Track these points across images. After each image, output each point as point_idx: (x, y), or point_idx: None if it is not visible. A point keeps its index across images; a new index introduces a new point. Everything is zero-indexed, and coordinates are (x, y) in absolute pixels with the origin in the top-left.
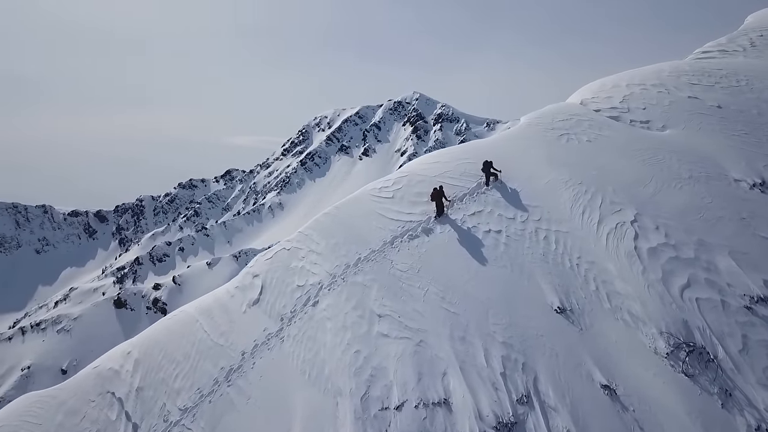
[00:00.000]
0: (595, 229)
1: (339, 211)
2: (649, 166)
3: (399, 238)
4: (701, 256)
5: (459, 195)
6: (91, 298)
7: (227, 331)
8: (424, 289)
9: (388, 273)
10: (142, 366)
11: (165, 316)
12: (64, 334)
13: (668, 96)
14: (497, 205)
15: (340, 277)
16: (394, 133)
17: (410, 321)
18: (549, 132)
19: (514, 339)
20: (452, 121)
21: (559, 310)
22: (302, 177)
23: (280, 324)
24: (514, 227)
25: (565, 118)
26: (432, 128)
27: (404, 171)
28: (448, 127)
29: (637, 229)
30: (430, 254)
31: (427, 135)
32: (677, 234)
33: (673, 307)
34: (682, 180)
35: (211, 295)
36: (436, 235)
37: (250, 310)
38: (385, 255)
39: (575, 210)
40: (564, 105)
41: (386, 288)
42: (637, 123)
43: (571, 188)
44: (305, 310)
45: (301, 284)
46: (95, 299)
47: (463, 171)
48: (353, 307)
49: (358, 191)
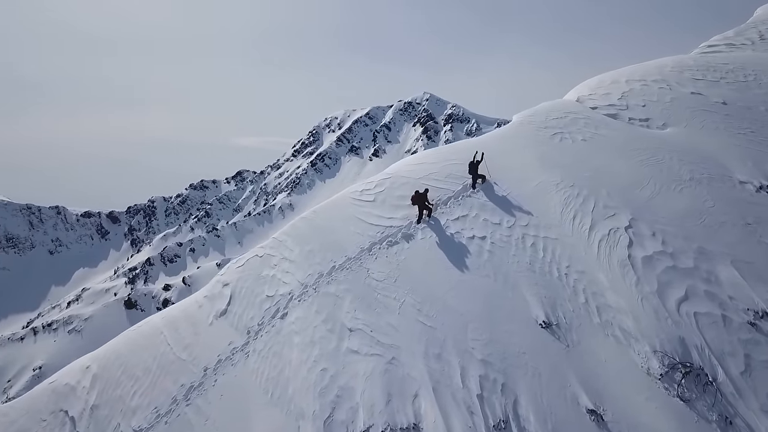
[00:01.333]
0: (587, 236)
1: (316, 215)
2: (647, 167)
3: (377, 245)
4: (701, 265)
5: (443, 198)
6: (103, 299)
7: (191, 345)
8: (400, 301)
9: (363, 283)
10: (100, 381)
11: (131, 327)
12: (75, 335)
13: (670, 92)
14: (483, 209)
15: (312, 287)
16: (405, 133)
17: (383, 336)
18: (542, 131)
19: (493, 356)
20: (463, 121)
21: (545, 324)
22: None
23: (247, 337)
24: (500, 233)
25: (559, 116)
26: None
27: (388, 172)
28: (459, 127)
29: (632, 236)
30: (409, 262)
31: (438, 135)
32: (675, 241)
33: (668, 323)
34: (682, 182)
35: (181, 304)
36: (416, 241)
37: (217, 321)
38: (362, 263)
39: (566, 215)
40: (559, 102)
41: (360, 299)
42: (636, 121)
43: (563, 191)
44: (273, 322)
45: (271, 294)
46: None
47: (449, 172)
48: (323, 320)
49: (339, 194)
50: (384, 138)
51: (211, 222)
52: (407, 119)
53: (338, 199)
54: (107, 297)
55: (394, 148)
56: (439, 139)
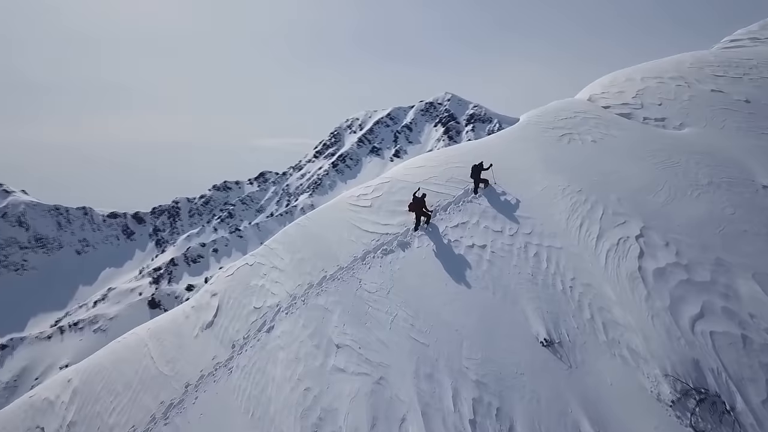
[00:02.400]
0: (594, 246)
1: (310, 221)
2: (662, 171)
3: (371, 254)
4: (719, 279)
5: (443, 203)
6: (128, 298)
7: (174, 359)
8: (392, 315)
9: (354, 294)
10: (80, 396)
11: (116, 339)
12: (100, 334)
13: (688, 90)
14: (484, 216)
15: (301, 298)
16: (426, 134)
17: (372, 353)
18: (549, 132)
19: (489, 377)
20: (485, 121)
21: (546, 342)
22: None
23: (231, 352)
24: (501, 241)
25: (568, 116)
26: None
27: (386, 176)
28: (481, 127)
29: (643, 246)
30: (404, 273)
31: (459, 136)
32: (691, 252)
33: (681, 343)
34: (699, 187)
35: (169, 314)
36: (412, 250)
37: (203, 334)
38: (354, 273)
39: (572, 222)
40: (569, 101)
41: (349, 312)
42: (651, 121)
43: (569, 196)
44: (259, 336)
45: (259, 306)
46: (132, 299)
47: (450, 176)
48: (310, 334)
49: (335, 199)
50: (405, 138)
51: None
52: (428, 120)
53: (334, 204)
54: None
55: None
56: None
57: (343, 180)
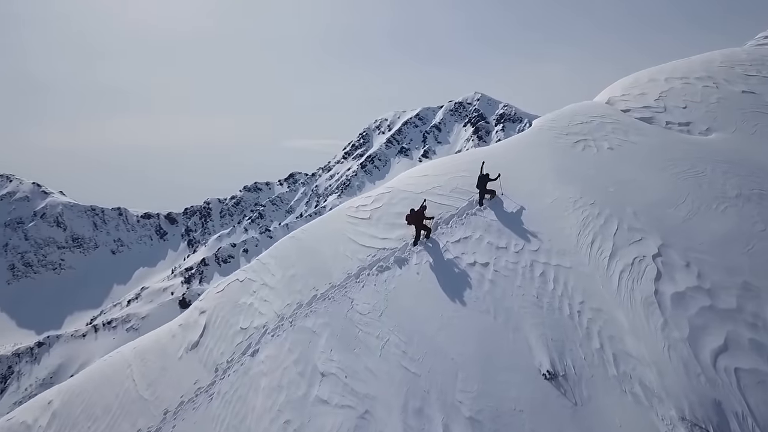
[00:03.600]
0: (606, 265)
1: (306, 234)
2: (684, 181)
3: (366, 270)
4: (746, 306)
5: (445, 216)
6: (161, 298)
7: (156, 382)
8: (383, 340)
9: (345, 316)
10: (58, 420)
11: (102, 357)
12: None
13: (716, 91)
14: (488, 231)
15: (289, 319)
16: (455, 134)
17: (358, 383)
18: (563, 138)
19: (484, 414)
20: (515, 121)
21: (549, 375)
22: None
23: (214, 376)
24: (506, 259)
25: (584, 120)
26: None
27: (389, 186)
28: (511, 127)
29: (660, 267)
30: (399, 292)
31: (489, 136)
32: (714, 274)
33: (701, 381)
34: (726, 199)
35: (155, 333)
36: (410, 267)
37: (187, 355)
38: (346, 292)
39: (583, 238)
40: (586, 105)
41: (338, 336)
42: (675, 125)
43: (581, 209)
44: (242, 360)
45: (245, 327)
46: (164, 299)
47: (455, 186)
48: (295, 360)
49: (335, 209)
50: (434, 139)
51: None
52: (458, 120)
53: (333, 216)
54: (164, 296)
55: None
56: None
57: (371, 181)
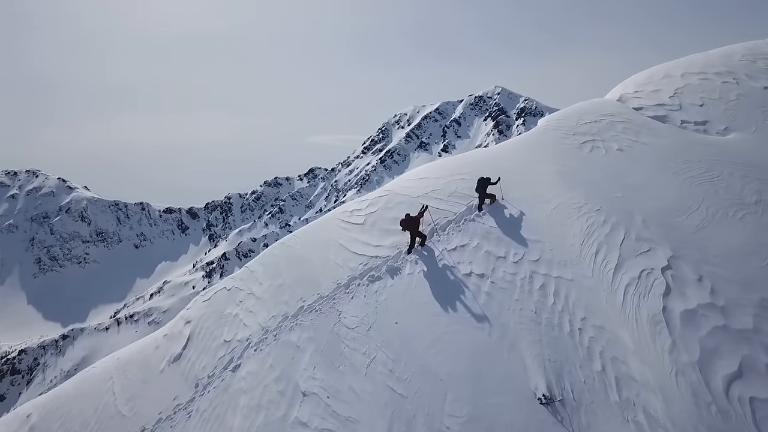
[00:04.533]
0: (611, 278)
1: (297, 240)
2: (699, 186)
3: (357, 280)
4: (764, 326)
5: (442, 222)
6: (182, 292)
7: (135, 396)
8: (370, 357)
9: (331, 330)
10: None
11: (86, 368)
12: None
13: (736, 87)
14: (487, 238)
15: (273, 332)
16: (475, 128)
17: (340, 404)
18: (569, 138)
19: None
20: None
21: (545, 399)
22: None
23: (194, 392)
24: (504, 270)
25: (593, 119)
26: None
27: (385, 189)
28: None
29: (670, 281)
30: (390, 305)
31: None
32: (729, 290)
33: (711, 411)
34: (745, 206)
35: (140, 343)
36: (402, 277)
37: (169, 368)
38: (335, 303)
39: (586, 248)
40: (596, 102)
41: (323, 352)
42: (690, 124)
43: (585, 216)
44: (223, 376)
45: (229, 339)
46: (185, 293)
47: (453, 190)
48: (276, 378)
49: (329, 213)
50: (454, 133)
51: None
52: (478, 114)
53: (326, 221)
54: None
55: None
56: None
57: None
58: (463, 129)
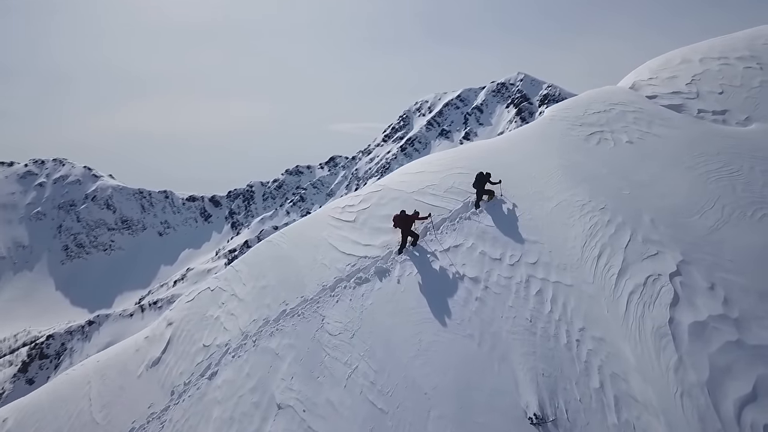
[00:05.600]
0: (613, 284)
1: (284, 238)
2: (716, 182)
3: (344, 282)
4: None
5: (436, 220)
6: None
7: (111, 403)
8: (351, 367)
9: (313, 337)
10: None
11: (67, 370)
12: None
13: (760, 73)
14: (482, 238)
15: (252, 338)
16: (497, 115)
17: (316, 419)
18: (576, 129)
19: None
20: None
21: (537, 419)
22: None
23: (169, 400)
24: (498, 273)
25: (602, 108)
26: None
27: (380, 184)
28: None
29: (679, 288)
30: (375, 310)
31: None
32: (745, 299)
33: None
34: (766, 205)
35: (120, 345)
36: (391, 280)
37: (147, 373)
38: (319, 307)
39: (588, 251)
40: (606, 90)
41: (302, 361)
42: (708, 114)
43: (589, 215)
44: (199, 384)
45: (208, 344)
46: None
47: (450, 185)
48: (252, 388)
49: (321, 208)
50: (476, 120)
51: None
52: (500, 101)
53: (316, 217)
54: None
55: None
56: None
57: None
58: (485, 116)
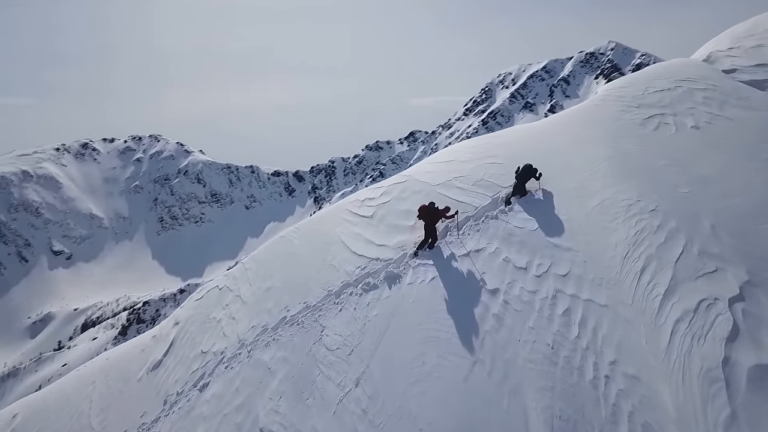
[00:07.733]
0: (657, 308)
1: (297, 234)
2: None
3: (351, 287)
4: None
5: (460, 219)
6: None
7: (109, 407)
8: (344, 390)
9: (309, 351)
10: None
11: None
12: None
13: None
14: (508, 242)
15: (248, 347)
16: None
17: None
18: (631, 111)
19: None
20: None
21: None
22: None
23: (160, 410)
24: (521, 285)
25: (666, 86)
26: None
27: (404, 175)
28: None
29: (740, 318)
30: (379, 323)
31: None
32: None
33: None
34: None
35: (129, 344)
36: (401, 287)
37: (147, 377)
38: (320, 316)
39: (630, 263)
40: (674, 64)
41: (294, 378)
42: None
43: (635, 218)
44: (190, 395)
45: (206, 350)
46: None
47: (480, 177)
48: (238, 406)
49: (339, 202)
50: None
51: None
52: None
53: (333, 212)
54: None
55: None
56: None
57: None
58: (571, 88)
